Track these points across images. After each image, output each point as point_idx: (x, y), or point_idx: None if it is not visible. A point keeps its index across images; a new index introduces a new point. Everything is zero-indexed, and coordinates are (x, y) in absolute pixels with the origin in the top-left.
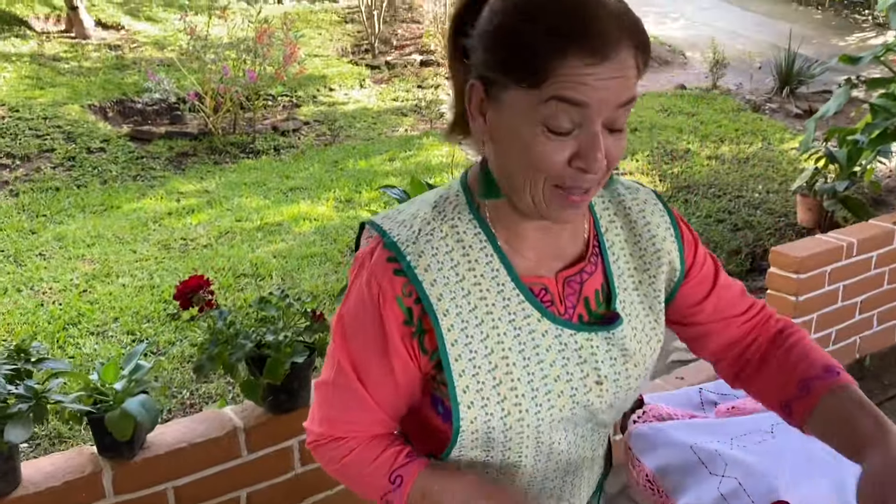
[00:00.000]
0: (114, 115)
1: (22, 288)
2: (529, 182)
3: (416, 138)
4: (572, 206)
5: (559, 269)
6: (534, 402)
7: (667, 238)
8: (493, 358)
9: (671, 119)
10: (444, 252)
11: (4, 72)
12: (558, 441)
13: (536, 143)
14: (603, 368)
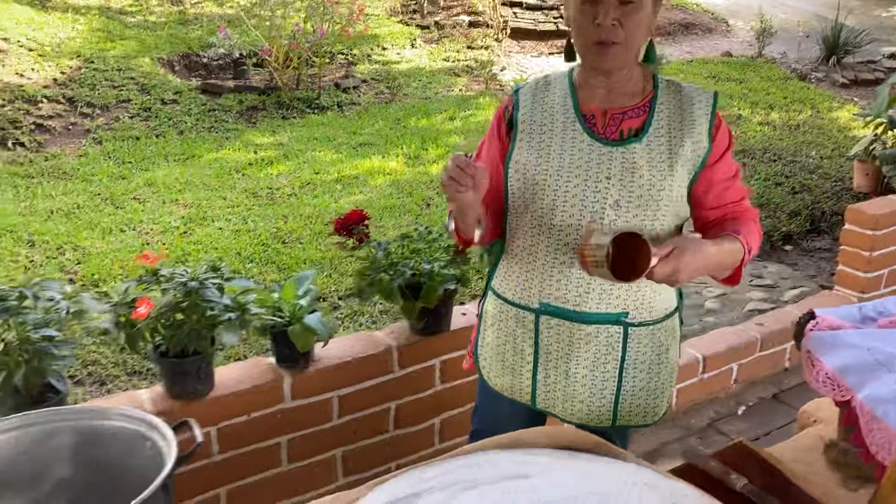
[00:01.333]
0: (180, 68)
1: (125, 228)
2: (580, 42)
3: (473, 98)
4: (602, 54)
5: (609, 108)
6: (557, 174)
7: (703, 123)
8: (540, 153)
9: (720, 85)
10: (545, 90)
11: (77, 24)
12: (570, 215)
13: (578, 14)
14: (613, 169)
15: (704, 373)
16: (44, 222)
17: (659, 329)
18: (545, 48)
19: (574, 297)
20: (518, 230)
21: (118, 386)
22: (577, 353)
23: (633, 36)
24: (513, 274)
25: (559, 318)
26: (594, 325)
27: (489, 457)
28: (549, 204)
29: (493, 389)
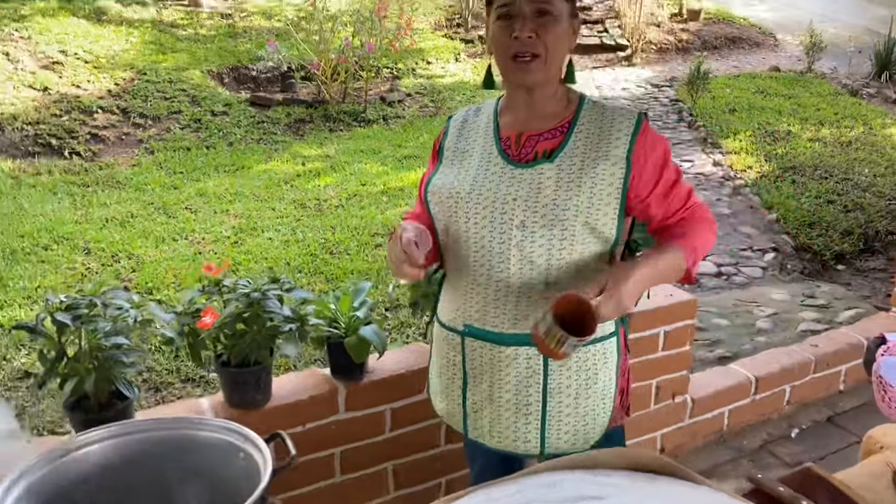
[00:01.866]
0: (230, 80)
1: (177, 237)
2: (500, 60)
3: None
4: (522, 69)
5: (525, 131)
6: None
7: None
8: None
9: (768, 100)
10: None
11: (131, 36)
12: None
13: (494, 32)
14: (520, 191)
15: (756, 394)
16: (99, 230)
17: (585, 353)
18: (589, 62)
19: (492, 319)
20: (446, 253)
21: (172, 393)
22: (500, 377)
23: (553, 49)
24: (446, 296)
25: (481, 339)
26: (513, 348)
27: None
28: (463, 226)
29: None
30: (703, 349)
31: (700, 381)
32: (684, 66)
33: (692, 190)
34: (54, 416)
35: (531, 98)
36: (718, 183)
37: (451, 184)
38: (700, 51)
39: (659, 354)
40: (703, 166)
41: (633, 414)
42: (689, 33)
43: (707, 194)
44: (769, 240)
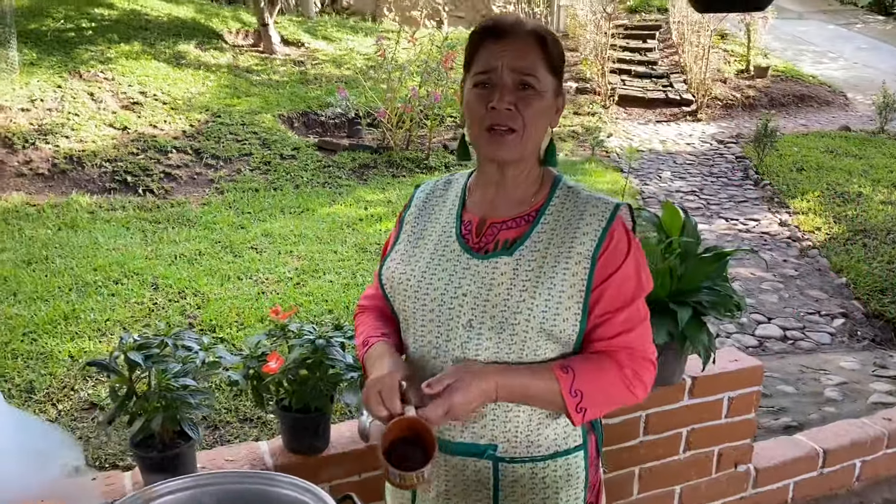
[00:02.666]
0: (299, 125)
1: (242, 277)
2: (474, 130)
3: (579, 163)
4: (496, 142)
5: (490, 217)
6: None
7: (589, 241)
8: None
9: (838, 160)
10: (441, 191)
11: (207, 80)
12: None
13: (470, 100)
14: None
15: (824, 467)
16: (168, 266)
17: (543, 469)
18: (653, 116)
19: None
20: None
21: (229, 432)
22: (448, 488)
23: (532, 125)
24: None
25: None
26: (459, 457)
27: None
28: (410, 319)
29: None
30: (767, 417)
31: (764, 450)
32: (750, 123)
33: (645, 320)
34: (116, 448)
35: (502, 176)
36: (785, 243)
37: (402, 270)
38: (767, 108)
39: (722, 421)
40: (769, 226)
41: (693, 480)
42: (755, 90)
43: (773, 255)
44: (838, 305)
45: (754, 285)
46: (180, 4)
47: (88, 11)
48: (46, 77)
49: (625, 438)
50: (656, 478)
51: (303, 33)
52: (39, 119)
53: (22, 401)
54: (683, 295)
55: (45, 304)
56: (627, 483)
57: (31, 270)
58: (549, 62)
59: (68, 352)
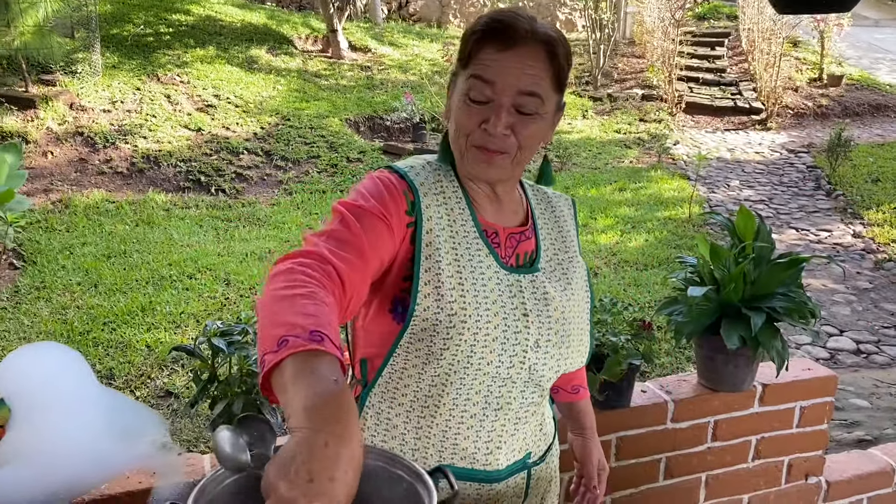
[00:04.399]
0: (364, 129)
1: None
2: (459, 142)
3: (644, 171)
4: (485, 162)
5: (506, 226)
6: (475, 311)
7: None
8: (450, 269)
9: None
10: (434, 193)
11: (278, 84)
12: (489, 362)
13: (461, 110)
14: (528, 304)
15: None
16: (239, 263)
17: (553, 455)
18: (720, 124)
19: (484, 456)
20: (412, 372)
21: None
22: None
23: (527, 148)
24: (398, 428)
25: (464, 480)
26: (503, 482)
27: None
28: (467, 347)
29: None
30: (839, 430)
31: (836, 463)
32: (823, 133)
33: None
34: (190, 435)
35: (494, 192)
36: (859, 255)
37: (450, 284)
38: (840, 117)
39: (793, 430)
40: (842, 237)
41: (761, 490)
42: (829, 99)
43: (846, 266)
44: None
45: (826, 297)
46: (253, 11)
47: (167, 17)
48: (126, 80)
49: (692, 444)
50: (723, 486)
51: (370, 39)
52: (119, 120)
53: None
54: (757, 300)
55: (123, 296)
56: (694, 490)
57: (110, 264)
58: (556, 78)
59: (145, 342)
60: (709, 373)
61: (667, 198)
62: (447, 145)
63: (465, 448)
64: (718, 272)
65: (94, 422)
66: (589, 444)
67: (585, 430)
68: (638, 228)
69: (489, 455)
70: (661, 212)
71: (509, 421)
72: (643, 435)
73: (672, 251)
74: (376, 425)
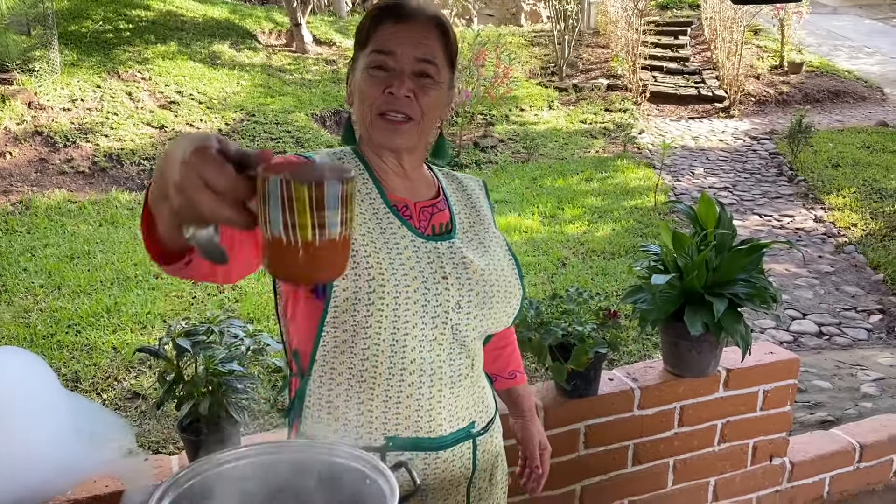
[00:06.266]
0: (331, 124)
1: None
2: (364, 114)
3: (610, 160)
4: (391, 130)
5: (417, 200)
6: (393, 276)
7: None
8: (364, 240)
9: (875, 156)
10: None
11: (241, 80)
12: (413, 325)
13: (364, 82)
14: (447, 268)
15: (861, 462)
16: None
17: (496, 427)
18: (685, 112)
19: (427, 423)
20: (343, 348)
21: (269, 422)
22: (432, 488)
23: (429, 115)
24: (339, 409)
25: (414, 450)
26: (449, 450)
27: None
28: (391, 313)
29: None
30: (802, 411)
31: (800, 444)
32: (784, 119)
33: None
34: (159, 437)
35: (402, 167)
36: (820, 239)
37: (364, 254)
38: (801, 104)
39: (758, 413)
40: (804, 222)
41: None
42: (789, 86)
43: (808, 251)
44: (875, 301)
45: (789, 281)
46: (214, 5)
47: (126, 13)
48: (86, 77)
49: (659, 430)
50: (691, 470)
51: (334, 33)
52: (80, 118)
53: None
54: (719, 287)
55: (88, 298)
56: (662, 475)
57: (74, 265)
58: (447, 53)
59: (111, 343)
60: (674, 359)
61: (633, 187)
62: (350, 129)
63: (408, 417)
64: (681, 260)
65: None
66: (529, 426)
67: (525, 412)
68: (605, 218)
69: (431, 422)
70: (628, 201)
71: (445, 386)
72: (611, 422)
73: (638, 240)
74: (319, 411)
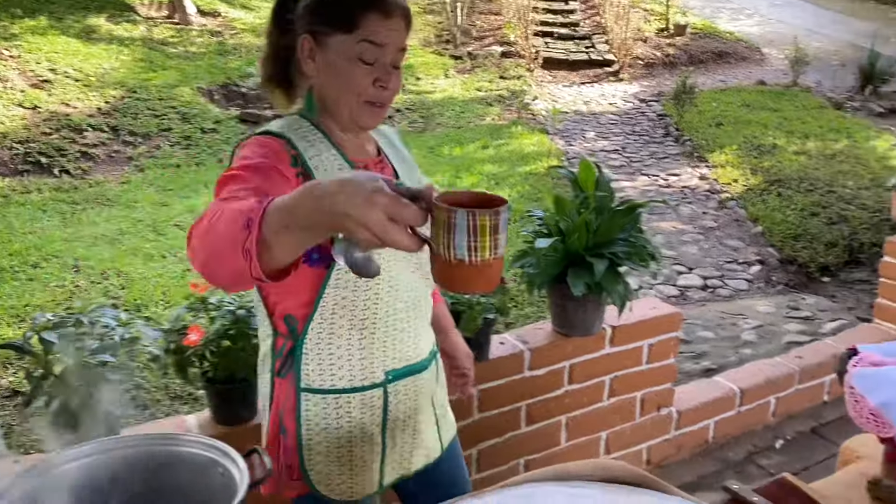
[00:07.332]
0: (220, 97)
1: (167, 255)
2: (348, 101)
3: (506, 127)
4: (375, 115)
5: (368, 160)
6: None
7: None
8: None
9: (754, 114)
10: (308, 143)
11: (121, 55)
12: (398, 276)
13: (351, 71)
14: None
15: (742, 405)
16: (88, 248)
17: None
18: (576, 77)
19: (413, 350)
20: (345, 304)
21: (161, 410)
22: (421, 404)
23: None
24: (341, 360)
25: (406, 377)
26: (428, 369)
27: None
28: (386, 265)
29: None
30: (688, 362)
31: (685, 393)
32: (671, 81)
33: None
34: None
35: (357, 134)
36: (704, 196)
37: None
38: (687, 65)
39: (643, 367)
40: (690, 180)
41: (618, 426)
42: (675, 48)
43: (693, 208)
44: (755, 252)
45: (675, 238)
46: None
47: None
48: None
49: (550, 389)
50: (582, 426)
51: (219, 3)
52: None
53: None
54: (599, 248)
55: None
56: (555, 433)
57: None
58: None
59: None
60: (561, 319)
61: (527, 153)
62: (312, 101)
63: (402, 350)
64: (563, 223)
65: None
66: (452, 338)
67: (447, 327)
68: (501, 184)
69: (416, 349)
70: (523, 167)
71: (420, 315)
72: (503, 385)
73: (533, 205)
74: (319, 364)
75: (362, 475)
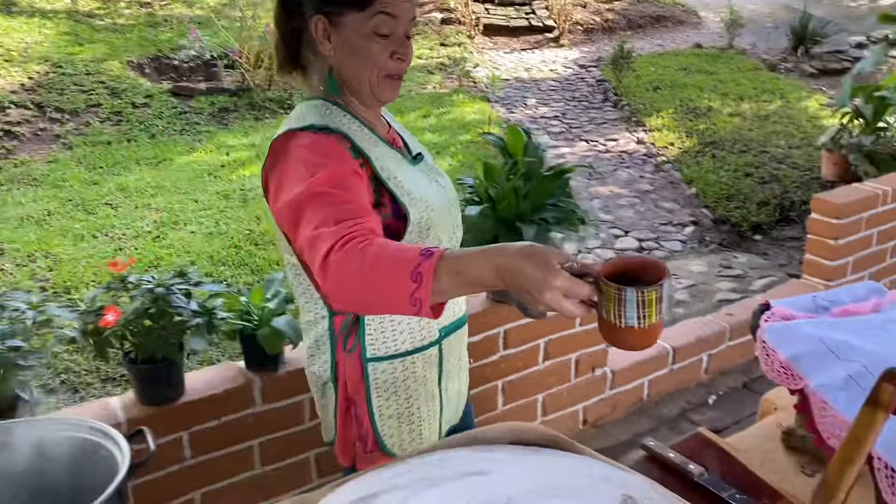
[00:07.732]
0: (151, 71)
1: (97, 234)
2: (368, 77)
3: (447, 96)
4: (395, 87)
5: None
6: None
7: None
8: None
9: (691, 77)
10: (347, 128)
11: (44, 28)
12: (449, 224)
13: (371, 48)
14: (439, 180)
15: (674, 363)
16: (14, 230)
17: None
18: (517, 44)
19: (458, 305)
20: None
21: (91, 393)
22: (463, 354)
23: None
24: (402, 323)
25: (454, 331)
26: (465, 325)
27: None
28: (436, 227)
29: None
30: None
31: (618, 353)
32: (610, 47)
33: None
34: None
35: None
36: (641, 160)
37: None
38: (625, 30)
39: (577, 329)
40: (627, 144)
41: (554, 388)
42: (614, 13)
43: (630, 172)
44: (689, 213)
45: (613, 201)
46: None
47: None
48: None
49: (486, 354)
50: (519, 389)
51: None
52: None
53: None
54: (529, 213)
55: None
56: (492, 398)
57: None
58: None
59: None
60: None
61: (469, 121)
62: (334, 81)
63: (450, 308)
64: (493, 190)
65: None
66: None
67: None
68: (443, 153)
69: (456, 307)
70: (464, 135)
71: None
72: None
73: (469, 172)
74: (382, 333)
75: (429, 430)
